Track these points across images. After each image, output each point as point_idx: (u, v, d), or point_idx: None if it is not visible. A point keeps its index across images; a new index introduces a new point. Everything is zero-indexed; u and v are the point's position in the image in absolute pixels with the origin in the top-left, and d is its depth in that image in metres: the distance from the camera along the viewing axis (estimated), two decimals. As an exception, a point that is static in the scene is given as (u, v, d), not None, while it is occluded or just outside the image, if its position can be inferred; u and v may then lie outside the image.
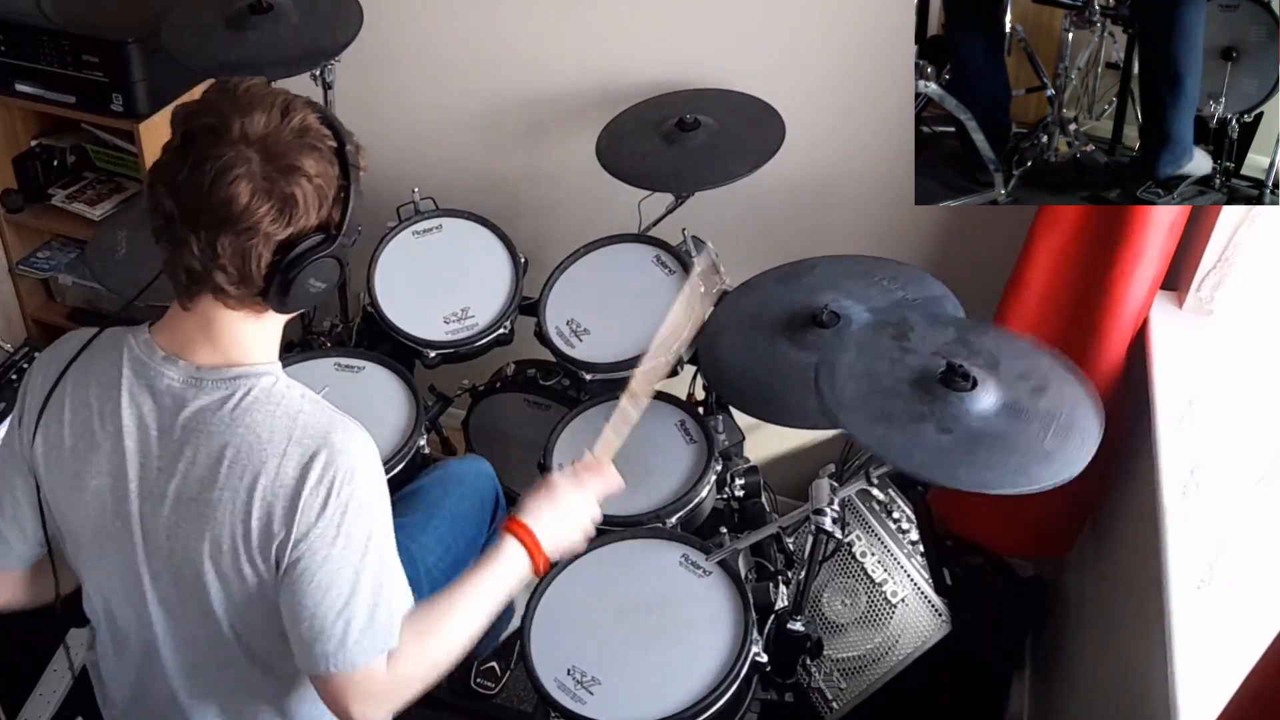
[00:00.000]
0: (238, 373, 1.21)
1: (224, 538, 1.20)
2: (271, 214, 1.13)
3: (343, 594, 1.19)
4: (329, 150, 1.18)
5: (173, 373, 1.22)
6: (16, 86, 2.29)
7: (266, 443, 1.18)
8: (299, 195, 1.14)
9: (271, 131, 1.13)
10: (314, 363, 1.92)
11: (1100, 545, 2.04)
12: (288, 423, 1.19)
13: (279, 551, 1.19)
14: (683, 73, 2.13)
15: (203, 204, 1.11)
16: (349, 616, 1.19)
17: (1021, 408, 1.37)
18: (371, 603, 1.20)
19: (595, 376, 1.90)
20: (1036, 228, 1.85)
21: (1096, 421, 1.36)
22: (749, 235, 2.23)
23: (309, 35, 1.98)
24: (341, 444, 1.19)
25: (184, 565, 1.24)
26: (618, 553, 1.69)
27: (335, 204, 1.19)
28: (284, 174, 1.13)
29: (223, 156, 1.11)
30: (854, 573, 2.12)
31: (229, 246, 1.13)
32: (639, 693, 1.51)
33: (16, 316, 2.66)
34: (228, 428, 1.19)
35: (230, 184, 1.11)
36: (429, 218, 2.09)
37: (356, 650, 1.20)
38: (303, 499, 1.17)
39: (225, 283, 1.16)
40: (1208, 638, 1.36)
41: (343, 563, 1.19)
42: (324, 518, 1.18)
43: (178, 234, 1.14)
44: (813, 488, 1.55)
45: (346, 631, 1.19)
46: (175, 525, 1.22)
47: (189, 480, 1.21)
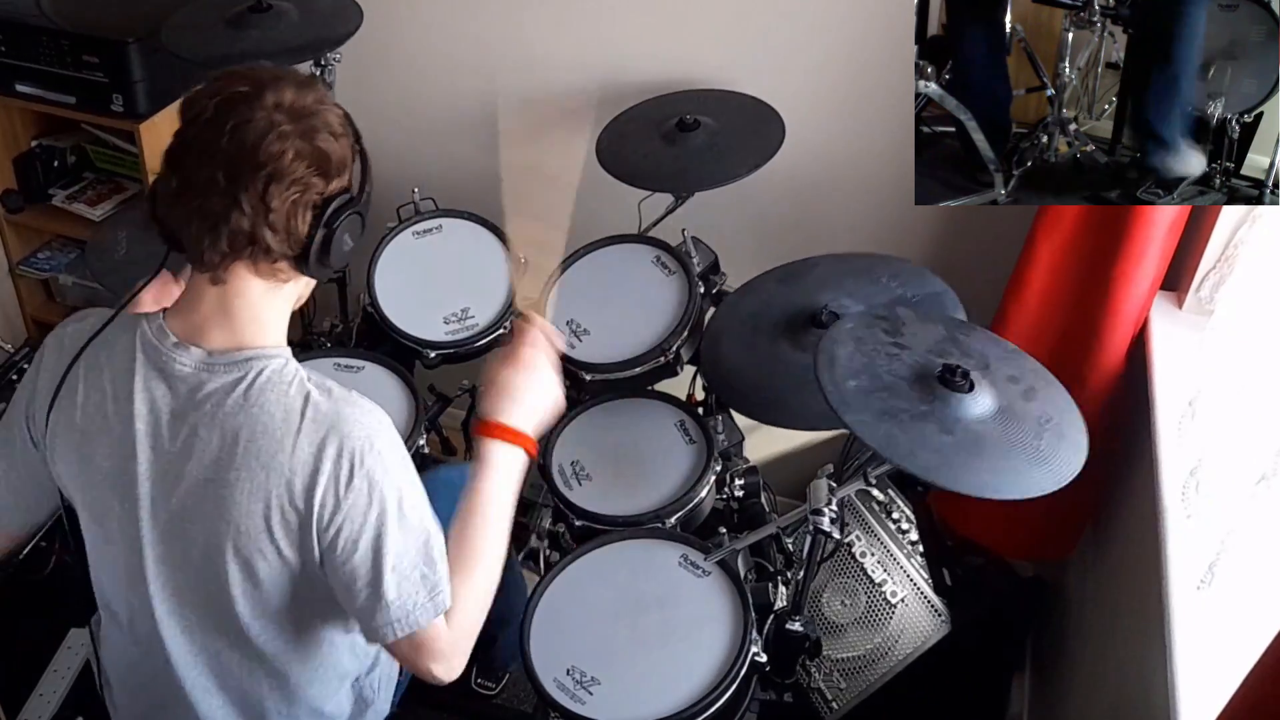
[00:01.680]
0: (249, 354, 1.23)
1: (243, 519, 1.21)
2: (313, 169, 1.19)
3: (389, 561, 1.21)
4: (340, 117, 1.24)
5: (184, 359, 1.23)
6: (16, 86, 2.29)
7: (282, 423, 1.20)
8: (333, 155, 1.20)
9: (296, 99, 1.19)
10: (314, 363, 1.91)
11: (1100, 546, 2.03)
12: (300, 402, 1.21)
13: (306, 532, 1.21)
14: (683, 73, 2.13)
15: (251, 161, 1.16)
16: (401, 580, 1.22)
17: (1015, 411, 1.37)
18: (419, 561, 1.23)
19: (595, 376, 1.90)
20: (1036, 228, 1.85)
21: (1081, 428, 1.37)
22: (749, 235, 2.23)
23: (308, 32, 1.98)
24: (354, 417, 1.22)
25: (199, 548, 1.25)
26: (617, 553, 1.69)
27: (354, 163, 1.26)
28: (316, 132, 1.19)
29: (260, 119, 1.16)
30: (854, 573, 2.11)
31: (279, 200, 1.17)
32: (638, 693, 1.50)
33: (16, 316, 2.66)
34: (241, 409, 1.21)
35: (275, 139, 1.16)
36: (429, 218, 2.09)
37: (419, 612, 1.23)
38: (324, 476, 1.19)
39: (272, 240, 1.19)
40: (1208, 638, 1.36)
41: (383, 531, 1.21)
42: (352, 489, 1.20)
43: (223, 198, 1.16)
44: (811, 488, 1.55)
45: (402, 597, 1.22)
46: (192, 509, 1.24)
47: (204, 463, 1.22)
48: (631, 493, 1.79)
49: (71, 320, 1.34)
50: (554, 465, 1.84)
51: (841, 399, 1.38)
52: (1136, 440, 1.80)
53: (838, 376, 1.41)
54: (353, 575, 1.22)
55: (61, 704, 2.10)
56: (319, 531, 1.21)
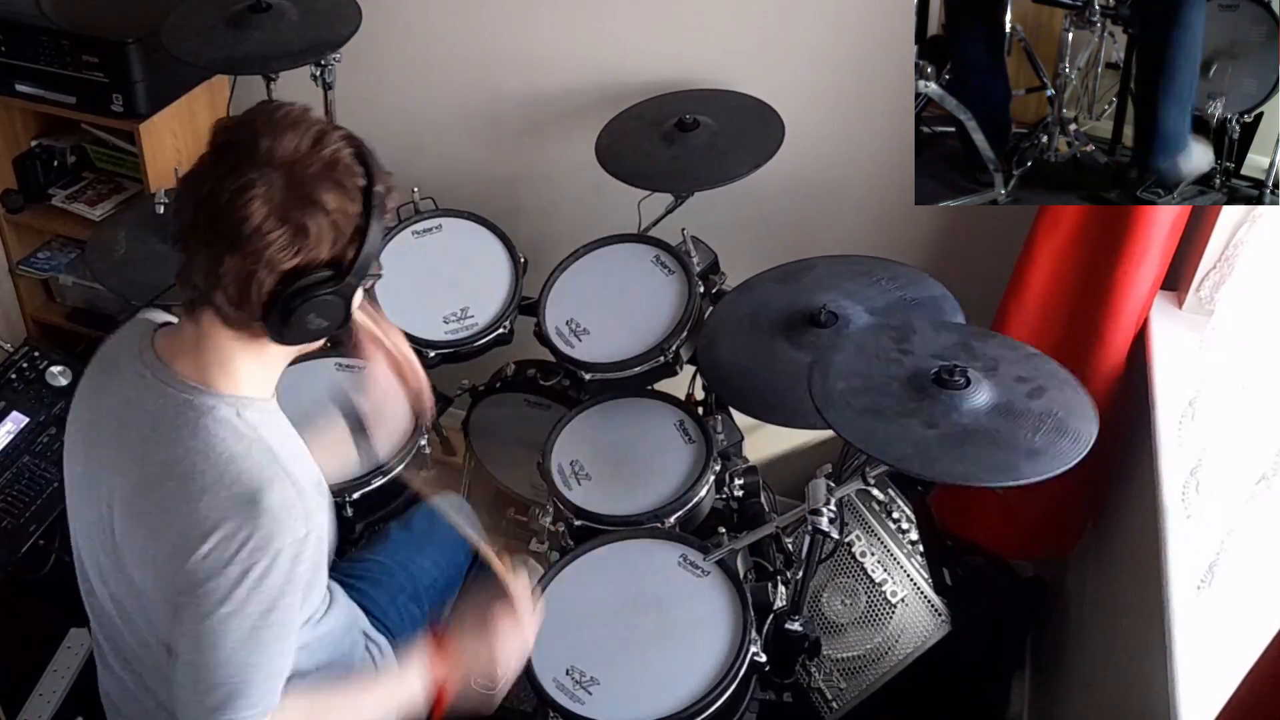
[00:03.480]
0: (202, 394, 1.19)
1: (144, 550, 1.19)
2: (281, 241, 1.10)
3: (217, 654, 1.14)
4: (355, 187, 1.15)
5: (149, 373, 1.21)
6: (16, 86, 2.29)
7: (197, 476, 1.15)
8: (312, 227, 1.11)
9: (300, 158, 1.11)
10: (314, 363, 1.92)
11: (1101, 546, 2.03)
12: (225, 463, 1.15)
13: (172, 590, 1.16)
14: (683, 73, 2.13)
15: (215, 220, 1.10)
16: (218, 682, 1.15)
17: (1015, 409, 1.38)
18: (245, 679, 1.16)
19: (595, 376, 1.90)
20: (1037, 228, 1.84)
21: (1092, 423, 1.37)
22: (749, 235, 2.23)
23: (308, 32, 1.98)
24: (269, 507, 1.14)
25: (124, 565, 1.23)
26: (616, 553, 1.69)
27: (351, 242, 1.15)
28: (301, 203, 1.10)
29: (245, 175, 1.09)
30: (854, 573, 2.11)
31: (232, 267, 1.11)
32: (637, 692, 1.51)
33: (16, 316, 2.66)
34: (171, 445, 1.17)
35: (245, 204, 1.08)
36: (429, 218, 2.09)
37: (217, 715, 1.16)
38: (208, 545, 1.12)
39: (223, 302, 1.14)
40: (1208, 638, 1.36)
41: (230, 626, 1.14)
42: (224, 575, 1.13)
43: (188, 246, 1.14)
44: (809, 488, 1.55)
45: (209, 695, 1.15)
46: (121, 524, 1.21)
47: (127, 482, 1.20)
48: (631, 492, 1.79)
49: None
50: (554, 465, 1.84)
51: (827, 399, 1.38)
52: (1136, 440, 1.80)
53: (829, 379, 1.41)
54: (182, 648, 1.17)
55: (61, 704, 2.10)
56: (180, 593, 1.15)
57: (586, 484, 1.82)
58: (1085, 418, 1.38)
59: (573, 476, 1.83)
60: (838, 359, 1.46)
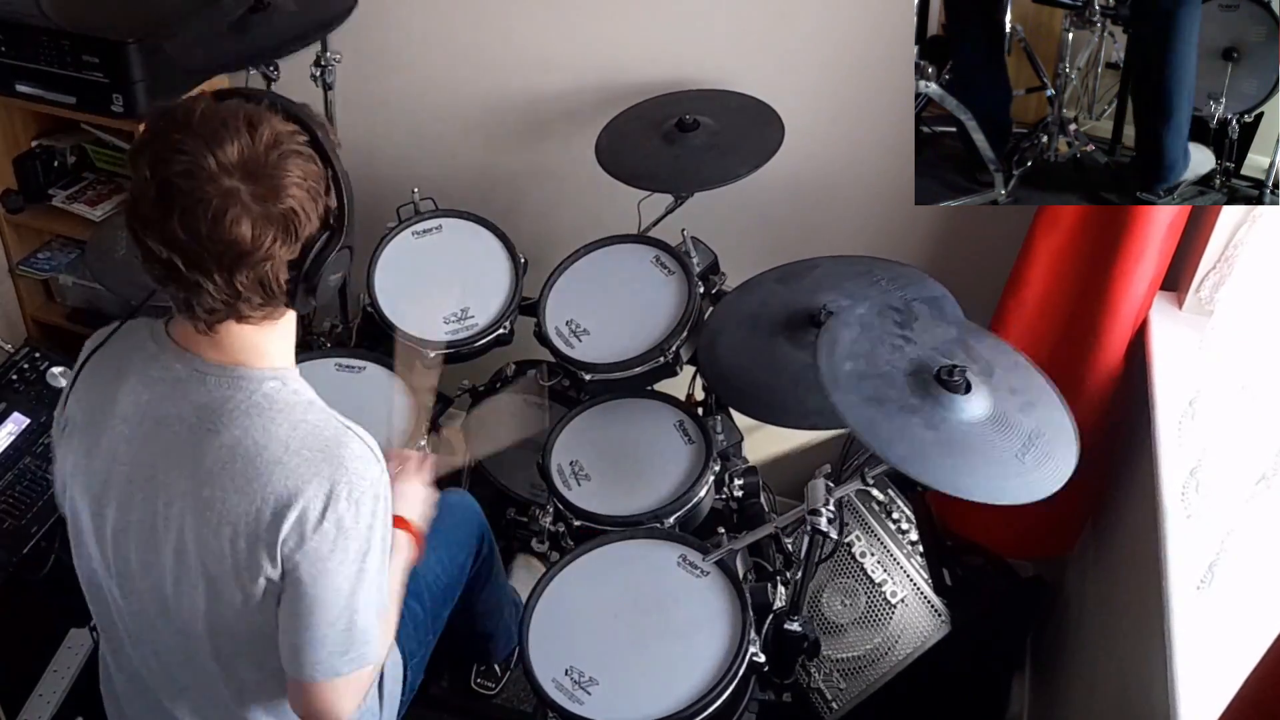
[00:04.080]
0: (244, 374, 1.20)
1: (212, 539, 1.19)
2: (279, 238, 1.12)
3: (335, 606, 1.19)
4: (304, 146, 1.14)
5: (180, 366, 1.21)
6: (16, 86, 2.28)
7: (264, 449, 1.16)
8: (296, 208, 1.12)
9: (247, 154, 1.09)
10: (314, 363, 1.92)
11: (1101, 546, 2.03)
12: (287, 430, 1.18)
13: (270, 560, 1.18)
14: (683, 73, 2.13)
15: (208, 249, 1.09)
16: (341, 629, 1.20)
17: (1008, 421, 1.38)
18: (362, 616, 1.21)
19: (595, 376, 1.90)
20: (1036, 228, 1.84)
21: (1072, 449, 1.37)
22: (749, 235, 2.23)
23: (306, 18, 1.97)
24: (342, 459, 1.17)
25: (172, 559, 1.23)
26: (616, 553, 1.69)
27: (327, 194, 1.16)
28: (276, 194, 1.10)
29: (211, 198, 1.07)
30: (853, 573, 2.11)
31: (248, 279, 1.12)
32: (637, 693, 1.51)
33: (16, 316, 2.66)
34: (227, 429, 1.18)
35: (230, 225, 1.08)
36: (429, 218, 2.09)
37: (344, 660, 1.21)
38: (297, 510, 1.15)
39: (250, 310, 1.16)
40: (1208, 638, 1.36)
41: (338, 577, 1.19)
42: (320, 532, 1.16)
43: (188, 279, 1.12)
44: (808, 488, 1.55)
45: (336, 642, 1.20)
46: (168, 519, 1.21)
47: (183, 476, 1.20)
48: (630, 493, 1.79)
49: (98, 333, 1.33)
50: (553, 465, 1.84)
51: (834, 378, 1.38)
52: (1136, 440, 1.80)
53: (837, 356, 1.41)
54: (294, 611, 1.20)
55: (61, 704, 2.10)
56: (283, 560, 1.18)
57: (586, 484, 1.82)
58: (1068, 444, 1.38)
59: (573, 477, 1.83)
60: (844, 334, 1.45)
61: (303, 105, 1.17)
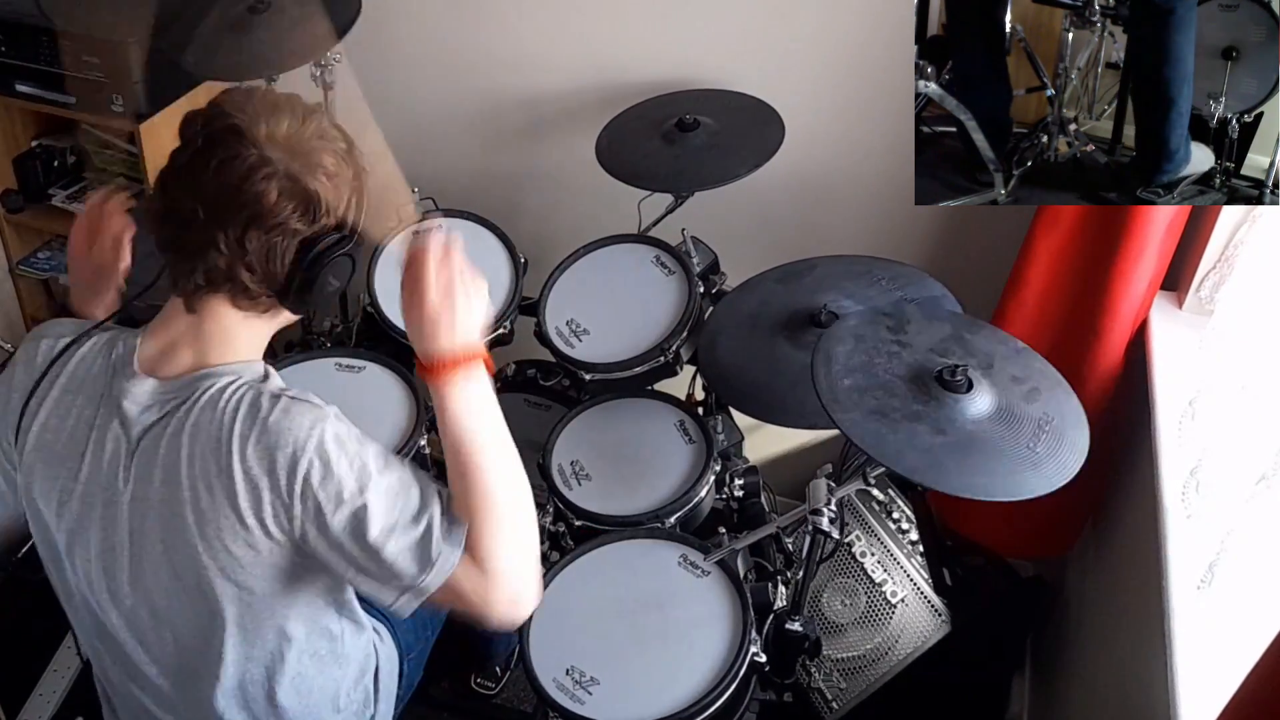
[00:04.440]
0: (199, 374, 1.21)
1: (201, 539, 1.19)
2: (298, 211, 1.17)
3: (372, 537, 1.16)
4: (343, 153, 1.22)
5: (138, 391, 1.22)
6: (16, 86, 2.29)
7: (223, 437, 1.17)
8: (322, 193, 1.18)
9: (294, 134, 1.17)
10: (314, 363, 1.91)
11: (1101, 545, 2.03)
12: (235, 412, 1.18)
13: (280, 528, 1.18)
14: (683, 73, 2.13)
15: (232, 201, 1.14)
16: (398, 549, 1.16)
17: (1015, 412, 1.37)
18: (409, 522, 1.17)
19: (595, 376, 1.90)
20: (1036, 227, 1.85)
21: (1084, 430, 1.36)
22: (749, 235, 2.23)
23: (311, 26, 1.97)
24: (296, 416, 1.17)
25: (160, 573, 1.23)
26: (616, 553, 1.69)
27: (350, 203, 1.22)
28: (308, 172, 1.17)
29: (249, 156, 1.14)
30: (854, 573, 2.11)
31: (257, 243, 1.16)
32: (638, 693, 1.50)
33: (16, 316, 2.66)
34: (182, 430, 1.19)
35: (260, 180, 1.14)
36: (429, 218, 2.08)
37: (431, 574, 1.17)
38: (269, 488, 1.15)
39: (249, 280, 1.18)
40: (1208, 638, 1.36)
41: (356, 514, 1.16)
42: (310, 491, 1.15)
43: (201, 234, 1.15)
44: (810, 488, 1.55)
45: (408, 564, 1.17)
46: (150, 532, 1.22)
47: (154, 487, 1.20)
48: (631, 492, 1.79)
49: (48, 325, 1.33)
50: (554, 465, 1.84)
51: (834, 397, 1.38)
52: (1136, 440, 1.80)
53: (834, 374, 1.41)
54: (346, 564, 1.18)
55: (61, 704, 2.10)
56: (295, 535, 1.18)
57: (586, 484, 1.82)
58: (1078, 423, 1.38)
59: (573, 476, 1.83)
60: (838, 350, 1.45)
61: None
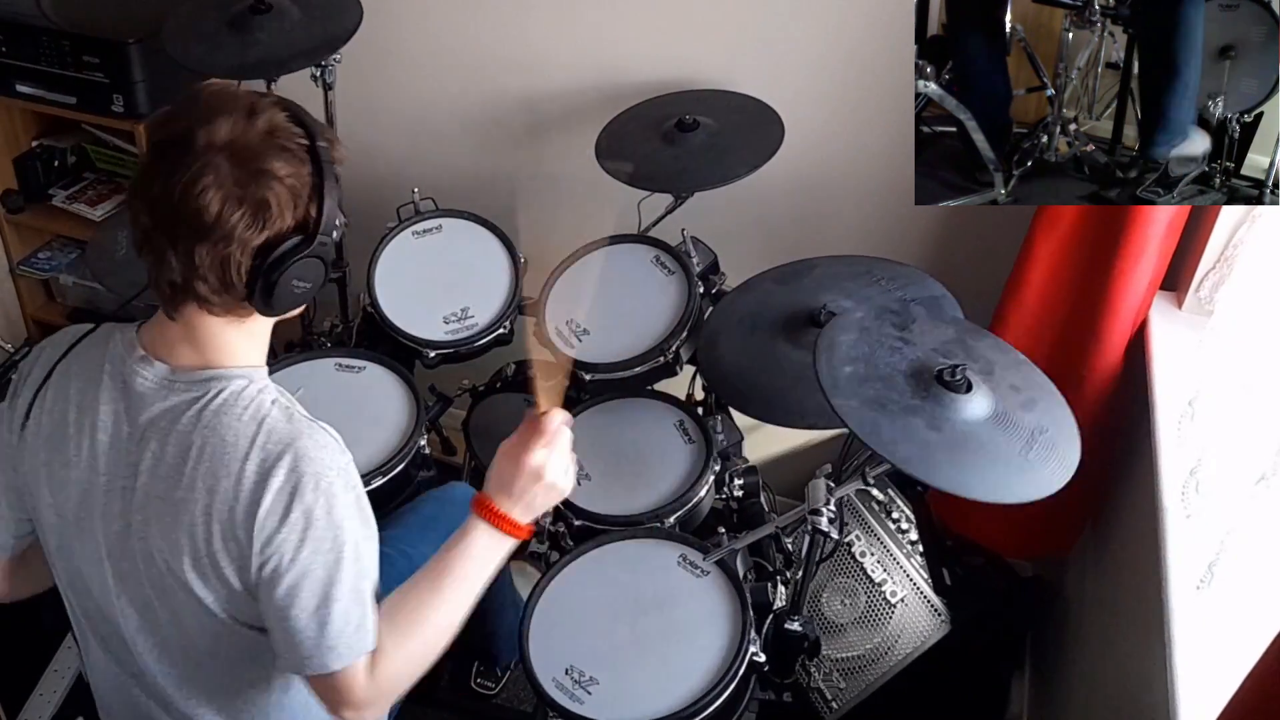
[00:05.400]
0: (211, 374, 1.21)
1: (186, 540, 1.19)
2: (245, 220, 1.12)
3: (314, 598, 1.18)
4: (299, 149, 1.16)
5: (148, 373, 1.22)
6: (16, 87, 2.29)
7: (231, 446, 1.17)
8: (271, 199, 1.13)
9: (238, 136, 1.12)
10: (314, 363, 1.92)
11: (1100, 545, 2.03)
12: (253, 427, 1.18)
13: (243, 557, 1.18)
14: (683, 73, 2.13)
15: (175, 217, 1.12)
16: (322, 621, 1.18)
17: (1010, 419, 1.38)
18: (344, 608, 1.19)
19: (595, 376, 1.90)
20: (1036, 227, 1.84)
21: (1075, 447, 1.37)
22: (749, 235, 2.23)
23: (310, 31, 1.98)
24: (305, 450, 1.17)
25: (158, 563, 1.23)
26: (616, 553, 1.69)
27: (311, 201, 1.17)
28: (254, 178, 1.12)
29: (190, 167, 1.10)
30: (853, 573, 2.11)
31: (206, 256, 1.13)
32: (637, 692, 1.50)
33: (17, 316, 2.67)
34: (194, 429, 1.19)
35: (199, 194, 1.10)
36: (429, 218, 2.09)
37: (332, 655, 1.19)
38: (265, 505, 1.16)
39: (207, 292, 1.16)
40: (1208, 638, 1.36)
41: (311, 567, 1.17)
42: (288, 523, 1.16)
43: (155, 247, 1.15)
44: (809, 488, 1.55)
45: (321, 635, 1.18)
46: (145, 524, 1.22)
47: (156, 479, 1.21)
48: (631, 492, 1.79)
49: (56, 335, 1.32)
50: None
51: (833, 382, 1.38)
52: (1136, 440, 1.80)
53: (835, 360, 1.41)
54: (274, 606, 1.19)
55: (61, 704, 2.10)
56: (255, 555, 1.18)
57: (586, 484, 1.82)
58: (1070, 439, 1.38)
59: (573, 476, 1.83)
60: (842, 339, 1.45)
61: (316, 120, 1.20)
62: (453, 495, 1.86)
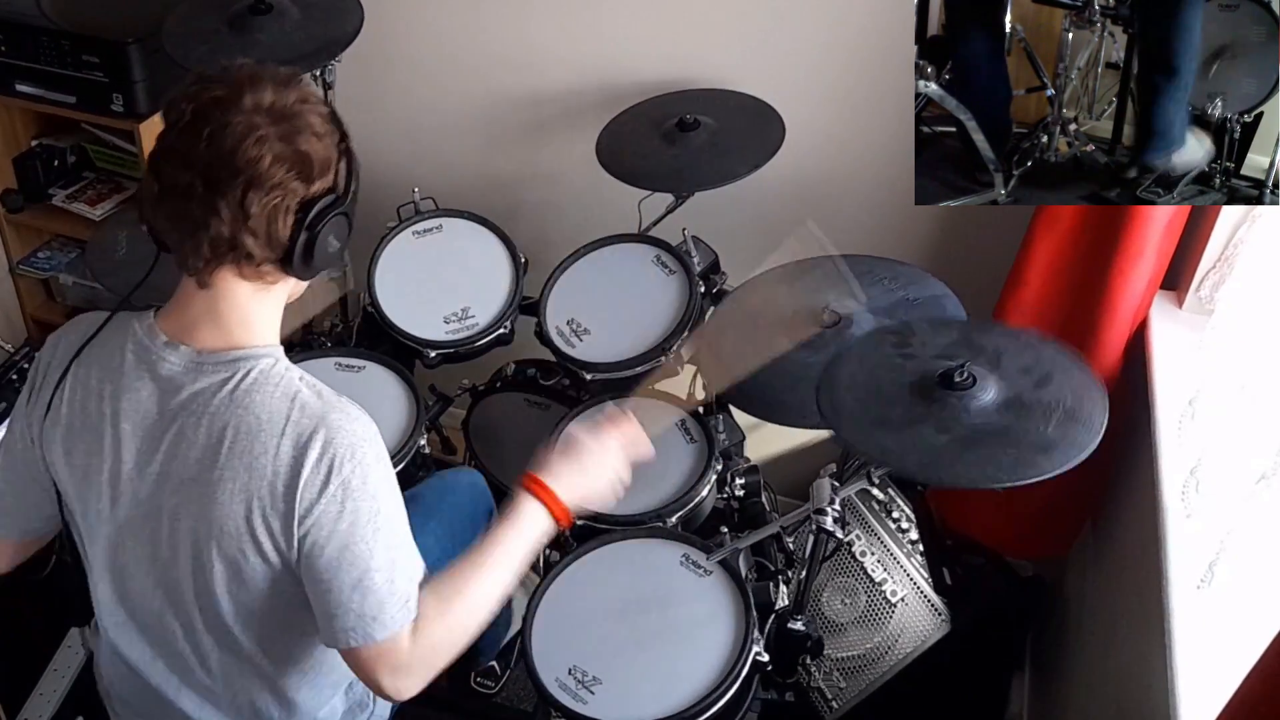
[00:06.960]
0: (238, 354, 1.23)
1: (226, 519, 1.21)
2: (293, 173, 1.18)
3: (356, 569, 1.20)
4: (326, 115, 1.24)
5: (174, 358, 1.24)
6: (16, 86, 2.29)
7: (266, 423, 1.20)
8: (313, 154, 1.20)
9: (279, 99, 1.19)
10: (314, 363, 1.92)
11: (1100, 545, 2.04)
12: (286, 404, 1.21)
13: (286, 532, 1.20)
14: (683, 73, 2.13)
15: (229, 167, 1.15)
16: (365, 590, 1.20)
17: (1024, 401, 1.38)
18: (387, 576, 1.21)
19: (595, 376, 1.90)
20: (1036, 227, 1.85)
21: (1101, 405, 1.37)
22: (749, 235, 2.22)
23: (311, 33, 1.98)
24: (339, 423, 1.20)
25: (185, 548, 1.25)
26: (618, 552, 1.69)
27: (339, 162, 1.24)
28: (298, 133, 1.18)
29: (239, 124, 1.16)
30: (854, 572, 2.12)
31: (258, 206, 1.17)
32: (640, 692, 1.50)
33: (17, 316, 2.66)
34: (227, 409, 1.21)
35: (255, 144, 1.16)
36: (429, 218, 2.09)
37: (376, 624, 1.21)
38: (303, 478, 1.18)
39: (253, 246, 1.19)
40: (1208, 638, 1.36)
41: (351, 538, 1.20)
42: (326, 495, 1.19)
43: (202, 206, 1.16)
44: (814, 487, 1.55)
45: (364, 605, 1.20)
46: (177, 508, 1.24)
47: (189, 462, 1.22)
48: (632, 492, 1.79)
49: (70, 324, 1.34)
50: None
51: (834, 413, 1.39)
52: (1136, 440, 1.81)
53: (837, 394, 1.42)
54: (316, 579, 1.21)
55: (61, 704, 2.10)
56: (296, 529, 1.20)
57: (587, 484, 1.82)
58: (1094, 400, 1.38)
59: (574, 476, 1.83)
60: (842, 372, 1.46)
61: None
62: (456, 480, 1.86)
